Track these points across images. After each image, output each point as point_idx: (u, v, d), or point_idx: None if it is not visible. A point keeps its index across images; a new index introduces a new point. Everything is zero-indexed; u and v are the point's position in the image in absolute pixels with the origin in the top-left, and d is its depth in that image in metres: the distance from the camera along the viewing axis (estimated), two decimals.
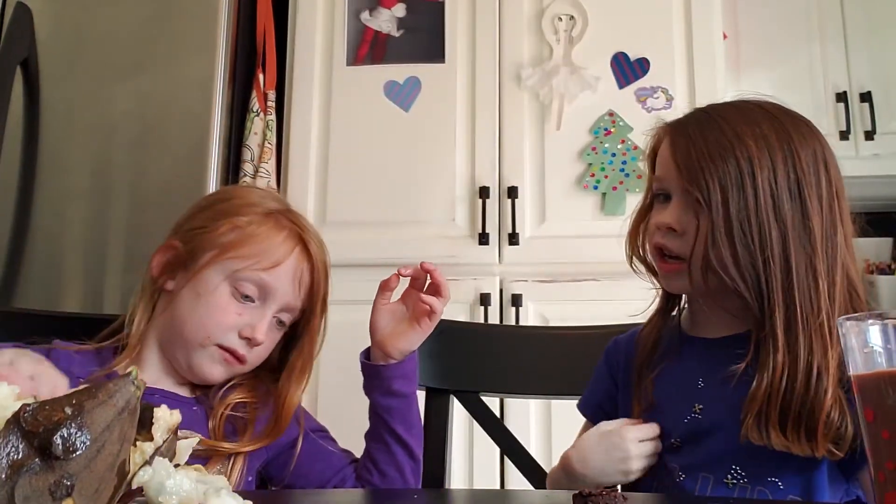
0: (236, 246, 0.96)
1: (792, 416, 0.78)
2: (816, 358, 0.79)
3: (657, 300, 0.96)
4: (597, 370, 1.02)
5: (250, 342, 0.95)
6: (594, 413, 1.00)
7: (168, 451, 0.44)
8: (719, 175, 0.82)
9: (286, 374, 1.01)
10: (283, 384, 1.00)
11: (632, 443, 0.86)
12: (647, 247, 0.93)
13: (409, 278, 0.96)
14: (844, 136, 2.16)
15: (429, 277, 0.95)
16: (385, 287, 0.97)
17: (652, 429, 0.87)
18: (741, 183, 0.82)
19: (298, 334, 1.02)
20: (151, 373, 0.97)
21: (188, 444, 0.47)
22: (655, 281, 0.95)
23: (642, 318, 0.98)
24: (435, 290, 0.95)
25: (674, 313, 0.96)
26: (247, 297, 0.96)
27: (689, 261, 0.84)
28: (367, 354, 0.99)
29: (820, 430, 0.77)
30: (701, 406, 0.86)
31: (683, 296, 0.95)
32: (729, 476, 0.82)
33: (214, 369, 0.96)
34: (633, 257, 0.95)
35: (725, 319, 0.87)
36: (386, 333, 0.96)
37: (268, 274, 0.95)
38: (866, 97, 2.21)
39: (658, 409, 0.90)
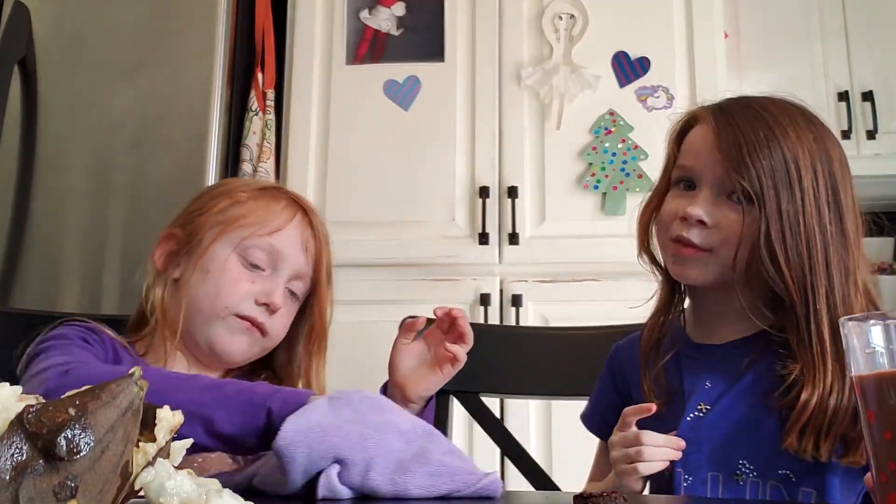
0: (238, 217, 0.96)
1: (836, 429, 0.76)
2: None
3: (658, 295, 0.94)
4: (600, 381, 1.00)
5: (268, 308, 0.94)
6: (599, 429, 0.98)
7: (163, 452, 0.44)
8: (771, 171, 0.81)
9: (303, 348, 1.00)
10: (302, 358, 1.00)
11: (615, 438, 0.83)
12: (660, 235, 0.90)
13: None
14: (846, 135, 2.16)
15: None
16: (409, 328, 0.93)
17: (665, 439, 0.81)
18: (789, 182, 0.81)
19: (308, 312, 1.02)
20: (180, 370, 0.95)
21: (182, 444, 0.47)
22: (658, 273, 0.92)
23: (643, 310, 0.95)
24: (459, 336, 0.91)
25: (678, 310, 0.94)
26: (257, 267, 0.95)
27: (718, 252, 0.82)
28: (383, 390, 0.94)
29: (853, 444, 0.76)
30: (708, 407, 0.85)
31: (685, 297, 0.94)
32: (738, 472, 0.81)
33: (236, 341, 0.94)
34: (643, 249, 0.92)
35: (732, 321, 0.86)
36: (406, 374, 0.92)
37: (274, 238, 0.96)
38: (868, 96, 2.21)
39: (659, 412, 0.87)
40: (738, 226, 0.82)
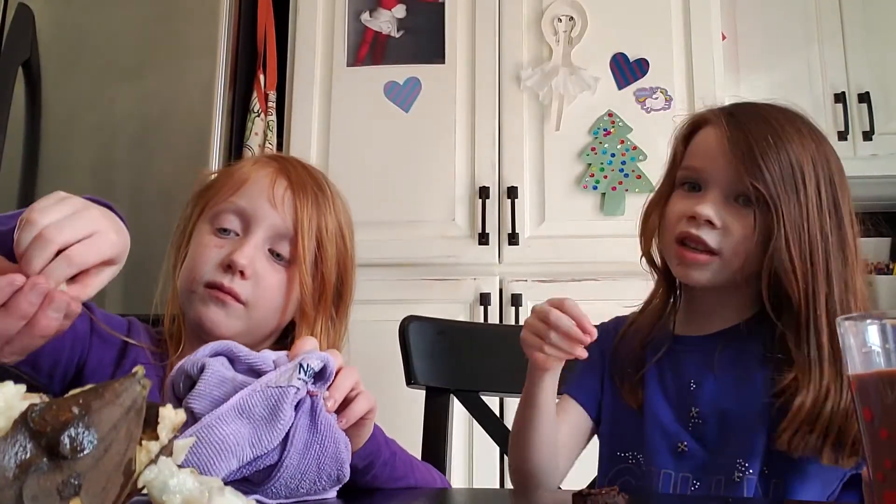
0: (212, 190, 0.92)
1: (832, 432, 0.77)
2: None
3: (653, 296, 0.94)
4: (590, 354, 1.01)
5: (232, 269, 0.86)
6: (586, 398, 0.98)
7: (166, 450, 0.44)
8: (780, 176, 0.81)
9: (319, 316, 0.92)
10: (318, 327, 0.91)
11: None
12: (664, 237, 0.89)
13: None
14: (843, 136, 2.16)
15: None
16: None
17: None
18: (795, 188, 0.81)
19: (317, 275, 0.93)
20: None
21: (185, 443, 0.47)
22: (656, 274, 0.93)
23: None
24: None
25: (674, 310, 0.94)
26: (227, 231, 0.89)
27: (726, 256, 0.83)
28: None
29: (848, 443, 0.77)
30: (697, 409, 0.86)
31: (679, 295, 0.95)
32: (735, 472, 0.82)
33: (210, 312, 0.86)
34: (646, 253, 0.92)
35: (723, 314, 0.87)
36: None
37: (238, 196, 0.89)
38: (864, 98, 2.21)
39: (652, 418, 0.88)
40: (749, 230, 0.82)
